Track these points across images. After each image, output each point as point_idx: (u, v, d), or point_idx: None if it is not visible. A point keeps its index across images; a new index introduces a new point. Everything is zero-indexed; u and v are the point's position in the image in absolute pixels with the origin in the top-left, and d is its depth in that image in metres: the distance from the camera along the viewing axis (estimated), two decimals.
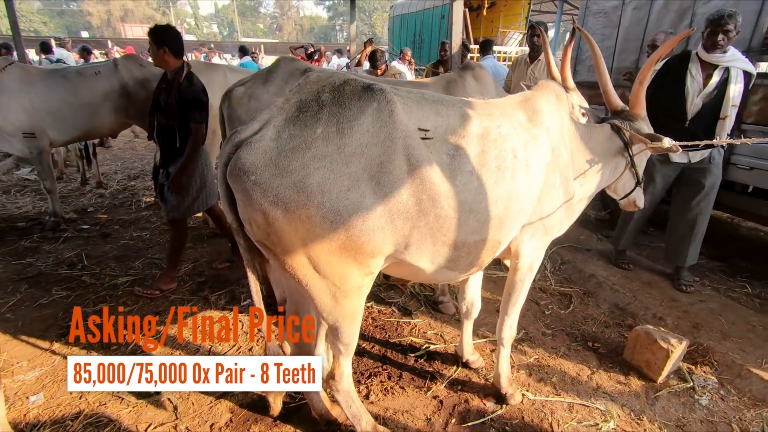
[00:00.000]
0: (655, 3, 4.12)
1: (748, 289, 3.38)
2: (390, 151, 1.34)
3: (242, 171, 1.26)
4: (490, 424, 2.12)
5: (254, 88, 2.36)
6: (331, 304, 1.51)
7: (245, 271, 1.89)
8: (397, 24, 10.21)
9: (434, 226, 1.46)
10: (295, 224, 1.31)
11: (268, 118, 1.34)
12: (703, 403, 2.30)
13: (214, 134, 4.03)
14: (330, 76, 1.41)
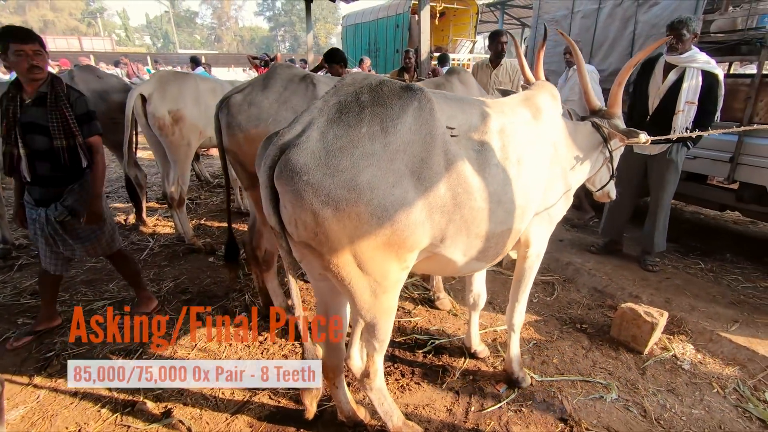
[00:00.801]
0: (601, 12, 4.53)
1: (701, 265, 3.77)
2: (430, 148, 1.40)
3: (294, 172, 1.27)
4: (507, 407, 2.21)
5: (253, 94, 2.33)
6: (371, 300, 1.54)
7: (231, 284, 1.89)
8: (351, 33, 10.34)
9: (468, 219, 1.54)
10: (344, 222, 1.33)
11: (309, 120, 1.35)
12: (685, 367, 2.54)
13: (189, 146, 3.89)
14: (365, 78, 1.45)
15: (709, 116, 3.28)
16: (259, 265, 2.70)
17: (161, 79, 3.71)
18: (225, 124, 2.28)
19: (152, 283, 3.46)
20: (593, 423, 2.12)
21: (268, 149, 1.36)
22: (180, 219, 4.04)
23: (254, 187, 2.37)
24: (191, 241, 4.05)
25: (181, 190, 3.91)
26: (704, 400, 2.31)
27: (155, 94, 3.61)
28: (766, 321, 2.91)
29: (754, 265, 3.77)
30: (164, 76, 3.72)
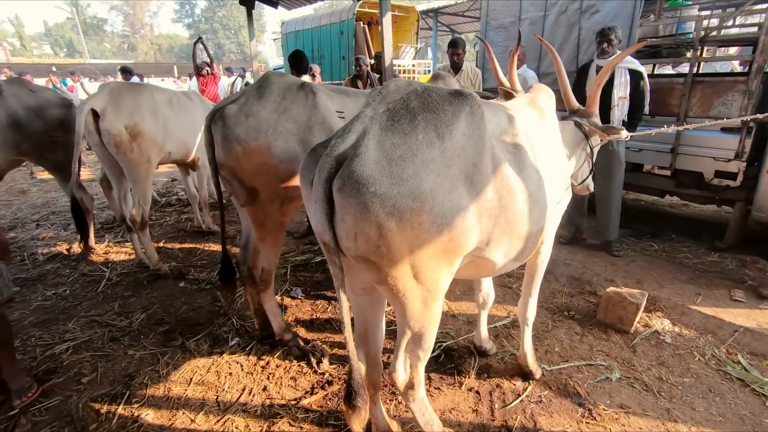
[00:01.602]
0: (547, 18, 4.85)
1: (655, 246, 4.16)
2: (481, 152, 1.41)
3: (360, 183, 1.21)
4: (528, 400, 2.28)
5: (249, 105, 2.18)
6: (421, 309, 1.51)
7: (228, 308, 1.66)
8: (291, 40, 10.11)
9: (511, 220, 1.57)
10: (406, 232, 1.30)
11: (363, 129, 1.30)
12: (668, 341, 2.79)
13: (149, 163, 3.57)
14: (408, 84, 1.43)
15: (640, 109, 3.69)
16: (256, 285, 2.54)
17: (113, 91, 3.36)
18: (221, 137, 2.12)
19: (119, 316, 3.12)
20: (607, 404, 2.25)
21: (320, 162, 1.29)
22: (143, 242, 3.69)
23: (253, 203, 2.24)
24: (157, 266, 3.72)
25: (143, 210, 3.57)
26: (691, 368, 2.54)
27: (109, 109, 3.26)
28: (721, 291, 3.28)
29: (696, 243, 4.24)
30: (116, 89, 3.38)
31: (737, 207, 3.88)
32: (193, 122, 4.10)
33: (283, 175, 2.22)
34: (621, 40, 3.55)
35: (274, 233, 2.40)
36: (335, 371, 2.52)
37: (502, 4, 5.34)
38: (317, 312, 3.18)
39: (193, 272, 3.80)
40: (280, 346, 2.70)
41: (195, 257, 4.17)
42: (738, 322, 2.86)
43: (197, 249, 4.35)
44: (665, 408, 2.23)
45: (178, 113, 3.88)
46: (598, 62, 3.63)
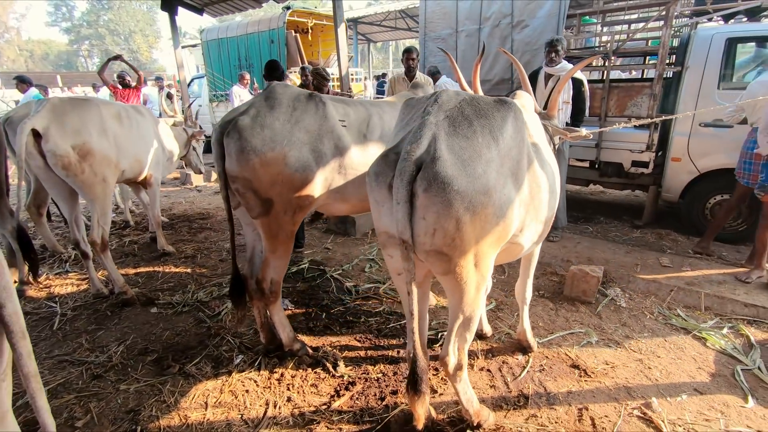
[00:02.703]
0: (482, 31, 5.35)
1: (591, 229, 4.82)
2: (522, 151, 1.63)
3: (445, 183, 1.35)
4: (533, 370, 2.57)
5: (262, 117, 2.16)
6: (474, 295, 1.69)
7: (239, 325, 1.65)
8: (214, 48, 9.64)
9: (537, 208, 1.82)
10: (476, 224, 1.47)
11: (432, 135, 1.44)
12: (623, 305, 3.30)
13: (105, 183, 3.28)
14: (457, 94, 1.60)
15: (581, 112, 4.26)
16: (265, 298, 2.51)
17: (56, 108, 3.02)
18: (236, 150, 2.10)
19: (92, 352, 2.84)
20: (595, 362, 2.63)
21: (400, 166, 1.40)
22: (106, 265, 3.40)
23: (267, 214, 2.25)
24: (123, 289, 3.42)
25: (103, 231, 3.28)
26: (646, 325, 3.05)
27: (52, 128, 2.94)
28: (652, 260, 3.93)
29: (620, 223, 4.98)
30: (58, 105, 3.03)
31: (650, 190, 4.65)
32: (144, 138, 3.87)
33: (297, 184, 2.25)
34: (566, 51, 4.06)
35: (286, 244, 2.41)
36: (353, 372, 2.58)
37: (440, 16, 5.75)
38: (312, 320, 3.19)
39: (162, 296, 3.55)
40: (290, 357, 2.69)
41: (157, 281, 3.88)
42: (671, 284, 3.47)
43: (157, 272, 4.05)
44: (638, 359, 2.67)
45: (130, 128, 3.62)
46: (546, 70, 4.10)
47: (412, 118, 1.61)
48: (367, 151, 2.51)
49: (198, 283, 3.80)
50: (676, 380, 2.48)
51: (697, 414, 2.21)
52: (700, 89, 4.03)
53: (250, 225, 2.52)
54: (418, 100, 1.70)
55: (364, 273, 3.96)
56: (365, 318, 3.17)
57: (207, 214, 5.96)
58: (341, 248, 4.59)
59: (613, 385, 2.44)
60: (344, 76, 4.58)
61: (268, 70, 4.31)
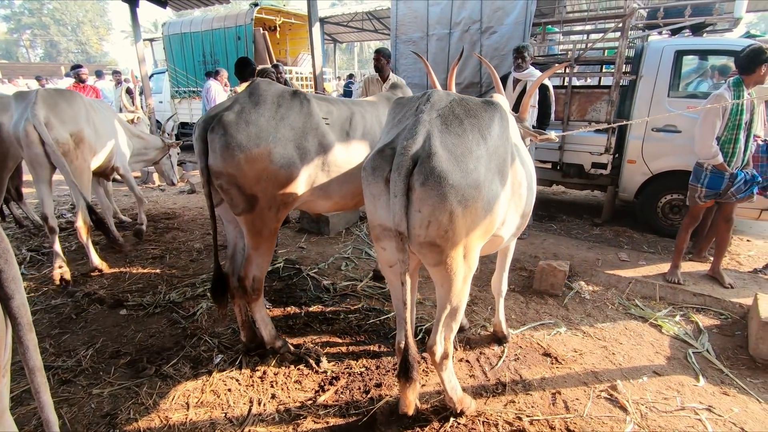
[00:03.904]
0: (452, 36, 5.51)
1: (554, 227, 5.07)
2: (507, 149, 1.73)
3: (441, 177, 1.42)
4: (509, 360, 2.70)
5: (246, 113, 2.14)
6: (462, 286, 1.77)
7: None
8: (177, 43, 9.28)
9: (518, 203, 1.93)
10: (467, 217, 1.55)
11: (426, 132, 1.51)
12: (587, 297, 3.51)
13: (89, 170, 3.26)
14: (447, 94, 1.68)
15: (547, 116, 4.48)
16: (248, 296, 2.49)
17: (47, 98, 3.11)
18: (222, 145, 2.08)
19: (58, 357, 2.71)
20: (564, 350, 2.80)
21: (397, 161, 1.46)
22: (87, 246, 3.64)
23: (251, 210, 2.25)
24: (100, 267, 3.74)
25: (85, 216, 3.42)
26: (608, 315, 3.26)
27: (52, 118, 3.00)
28: (611, 255, 4.20)
29: (580, 221, 5.28)
30: (49, 95, 3.15)
31: (608, 190, 4.97)
32: (113, 129, 3.98)
33: (282, 180, 2.26)
34: (533, 57, 4.26)
35: (269, 241, 2.41)
36: (336, 368, 2.61)
37: (411, 20, 5.86)
38: (292, 318, 3.18)
39: (131, 298, 3.43)
40: (272, 355, 2.68)
41: (125, 282, 3.73)
42: (629, 276, 3.73)
43: (123, 273, 3.89)
44: (603, 346, 2.86)
45: (101, 118, 3.76)
46: (515, 75, 4.29)
47: (405, 116, 1.67)
48: (350, 148, 2.56)
49: (169, 284, 3.69)
50: (637, 364, 2.68)
51: (656, 393, 2.41)
52: (653, 97, 4.35)
53: (232, 222, 2.49)
54: (409, 99, 1.77)
55: (341, 271, 3.98)
56: (345, 315, 3.20)
57: (173, 213, 5.77)
58: (315, 247, 4.59)
59: (582, 371, 2.60)
60: (318, 75, 4.59)
61: (239, 67, 4.27)
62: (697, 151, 3.36)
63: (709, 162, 3.28)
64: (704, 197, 3.39)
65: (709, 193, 3.36)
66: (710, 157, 3.25)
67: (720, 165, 3.24)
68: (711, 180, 3.32)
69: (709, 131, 3.22)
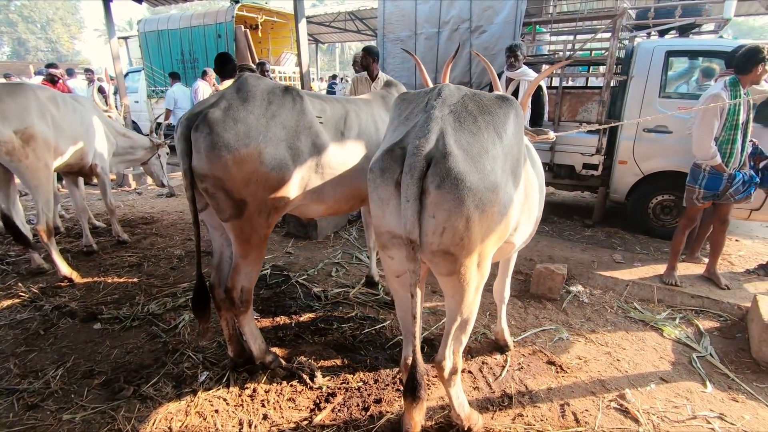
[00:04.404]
0: (441, 35, 5.41)
1: (547, 228, 5.01)
2: (521, 149, 1.61)
3: (458, 179, 1.28)
4: (512, 369, 2.59)
5: (234, 110, 1.96)
6: (474, 296, 1.64)
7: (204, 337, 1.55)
8: (153, 41, 8.92)
9: (530, 207, 1.81)
10: (483, 222, 1.41)
11: (440, 129, 1.37)
12: (585, 301, 3.44)
13: (48, 168, 2.98)
14: (458, 89, 1.54)
15: (540, 116, 4.43)
16: (235, 308, 2.30)
17: None
18: (207, 145, 1.90)
19: (24, 378, 2.47)
20: (568, 357, 2.70)
21: (409, 161, 1.31)
22: (51, 251, 3.36)
23: (239, 216, 2.08)
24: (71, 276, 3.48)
25: (47, 218, 3.15)
26: (608, 319, 3.19)
27: None
28: (606, 257, 4.15)
29: (572, 222, 5.24)
30: None
31: (600, 191, 4.93)
32: (86, 124, 3.76)
33: (273, 183, 2.09)
34: (525, 56, 4.19)
35: (258, 248, 2.23)
36: (332, 383, 2.44)
37: (398, 18, 5.74)
38: (281, 329, 3.00)
39: (106, 310, 3.18)
40: (262, 370, 2.50)
41: (99, 293, 3.48)
42: (625, 278, 3.67)
43: (98, 283, 3.63)
44: (606, 352, 2.78)
45: (67, 112, 3.50)
46: (507, 74, 4.21)
47: (413, 113, 1.53)
48: (345, 149, 2.40)
49: (147, 294, 3.45)
50: (643, 370, 2.60)
51: (666, 402, 2.33)
52: (644, 97, 4.34)
53: (218, 228, 2.30)
54: (415, 95, 1.63)
55: (331, 277, 3.81)
56: (338, 324, 3.03)
57: (151, 218, 5.48)
58: (303, 252, 4.41)
59: (589, 379, 2.51)
60: (305, 74, 4.42)
61: (220, 63, 4.06)
62: (696, 152, 3.33)
63: (708, 163, 3.25)
64: (702, 198, 3.36)
65: (707, 194, 3.33)
66: (709, 158, 3.22)
67: (718, 166, 3.21)
68: (709, 181, 3.28)
69: (708, 132, 3.18)
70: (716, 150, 3.19)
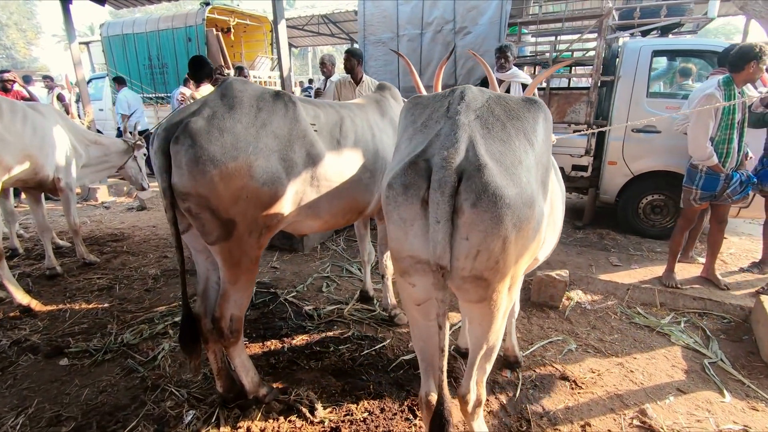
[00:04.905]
0: (424, 36, 5.27)
1: None
2: (549, 157, 1.45)
3: (497, 196, 1.10)
4: (525, 388, 2.43)
5: (219, 119, 1.73)
6: (501, 321, 1.47)
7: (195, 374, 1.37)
8: (118, 45, 8.41)
9: (556, 220, 1.65)
10: (518, 242, 1.24)
11: (468, 138, 1.19)
12: (588, 308, 3.33)
13: None
14: (481, 91, 1.36)
15: None
16: (224, 339, 2.06)
17: None
18: (189, 160, 1.66)
19: None
20: (581, 370, 2.57)
21: (438, 176, 1.13)
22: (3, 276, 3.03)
23: (228, 237, 1.85)
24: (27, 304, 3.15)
25: None
26: (613, 326, 3.09)
27: None
28: (602, 259, 4.09)
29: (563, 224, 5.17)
30: None
31: (589, 192, 4.89)
32: (40, 134, 3.41)
33: (265, 200, 1.87)
34: (516, 57, 4.09)
35: (249, 272, 2.00)
36: (334, 415, 2.22)
37: (380, 20, 5.57)
38: (273, 355, 2.76)
39: (73, 343, 2.85)
40: (256, 406, 2.25)
41: (65, 323, 3.13)
42: (625, 281, 3.60)
43: (63, 312, 3.28)
44: (618, 363, 2.66)
45: (14, 122, 3.20)
46: (497, 75, 4.09)
47: (431, 119, 1.34)
48: (342, 159, 2.20)
49: (120, 321, 3.14)
50: (658, 381, 2.50)
51: (688, 416, 2.22)
52: (632, 97, 4.31)
53: (203, 252, 2.05)
54: (431, 99, 1.45)
55: (322, 293, 3.58)
56: (335, 347, 2.81)
57: (121, 234, 5.10)
58: (290, 266, 4.16)
59: (605, 395, 2.38)
60: (287, 78, 4.18)
61: (194, 67, 3.77)
62: (692, 153, 3.29)
63: (705, 163, 3.20)
64: (699, 199, 3.31)
65: (704, 195, 3.29)
66: (705, 158, 3.17)
67: (715, 166, 3.17)
68: (706, 181, 3.24)
69: (703, 132, 3.14)
70: (712, 150, 3.15)
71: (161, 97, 8.47)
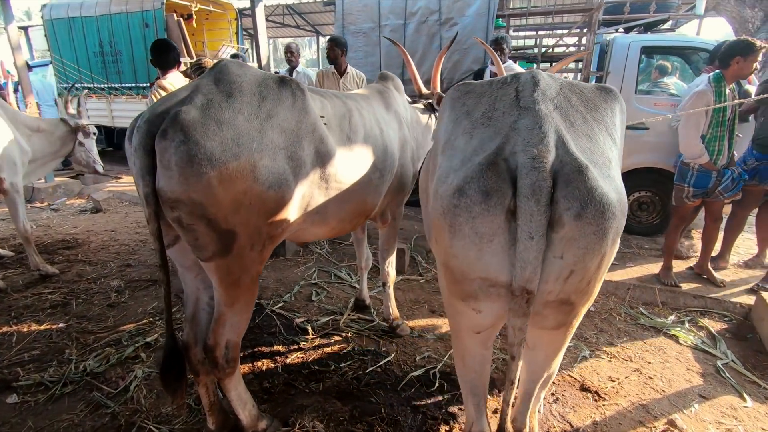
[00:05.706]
0: (407, 27, 5.02)
1: None
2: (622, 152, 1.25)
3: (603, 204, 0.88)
4: (548, 403, 2.27)
5: (216, 109, 1.41)
6: (564, 347, 1.27)
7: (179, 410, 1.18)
8: (63, 30, 7.55)
9: None
10: (610, 258, 1.04)
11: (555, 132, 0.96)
12: (592, 309, 3.23)
13: None
14: (550, 77, 1.14)
15: None
16: (220, 370, 1.74)
17: None
18: (181, 158, 1.34)
19: None
20: (600, 380, 2.45)
21: (530, 180, 0.89)
22: None
23: (227, 252, 1.54)
24: None
25: None
26: (621, 329, 3.01)
27: None
28: None
29: None
30: None
31: None
32: None
33: (271, 205, 1.57)
34: (511, 49, 3.93)
35: (249, 291, 1.70)
36: None
37: (359, 8, 5.27)
38: (266, 377, 2.45)
39: (23, 374, 2.42)
40: None
41: (9, 349, 2.67)
42: (624, 280, 3.55)
43: (9, 336, 2.80)
44: (635, 369, 2.56)
45: None
46: (491, 68, 3.92)
47: (495, 109, 1.11)
48: (353, 157, 1.93)
49: (81, 344, 2.71)
50: (678, 387, 2.41)
51: (717, 424, 2.14)
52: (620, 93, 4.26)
53: (192, 269, 1.72)
54: (487, 85, 1.21)
55: (312, 303, 3.29)
56: (335, 364, 2.54)
57: (74, 241, 4.54)
58: (273, 273, 3.82)
59: (630, 405, 2.26)
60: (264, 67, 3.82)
61: (157, 52, 3.26)
62: (683, 151, 3.26)
63: (696, 161, 3.18)
64: (692, 197, 3.29)
65: (696, 192, 3.27)
66: (696, 156, 3.15)
67: (707, 164, 3.15)
68: (698, 179, 3.22)
69: (694, 130, 3.12)
70: (704, 148, 3.13)
71: (114, 88, 7.75)
